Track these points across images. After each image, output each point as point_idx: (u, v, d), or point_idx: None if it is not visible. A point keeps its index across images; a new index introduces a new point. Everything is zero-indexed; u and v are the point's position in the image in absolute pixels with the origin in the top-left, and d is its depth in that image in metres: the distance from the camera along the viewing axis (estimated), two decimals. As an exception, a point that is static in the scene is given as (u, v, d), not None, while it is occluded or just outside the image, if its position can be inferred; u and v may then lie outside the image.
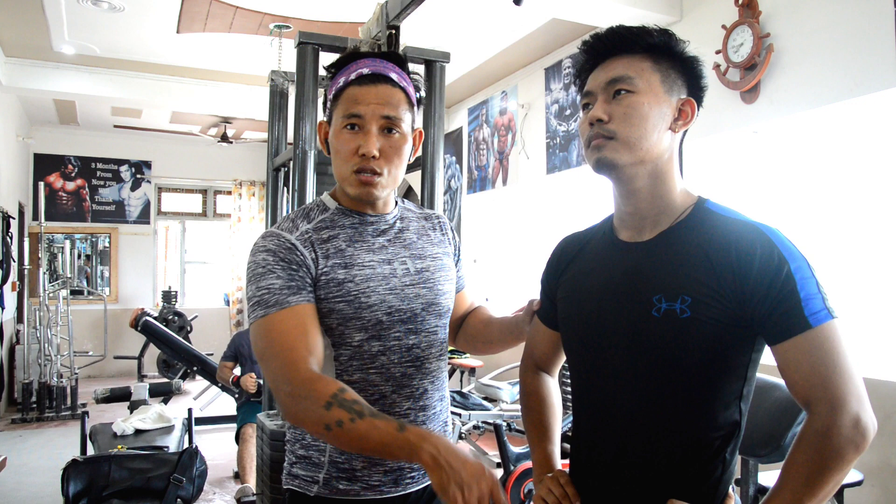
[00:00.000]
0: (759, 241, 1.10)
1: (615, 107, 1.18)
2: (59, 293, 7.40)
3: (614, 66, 1.20)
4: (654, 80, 1.19)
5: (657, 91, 1.19)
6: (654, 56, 1.20)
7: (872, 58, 3.17)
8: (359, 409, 1.19)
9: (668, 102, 1.20)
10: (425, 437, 1.14)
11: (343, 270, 1.38)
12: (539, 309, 1.46)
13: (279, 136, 3.54)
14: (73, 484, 2.70)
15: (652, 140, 1.18)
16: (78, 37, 5.70)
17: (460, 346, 1.69)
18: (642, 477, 1.18)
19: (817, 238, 3.67)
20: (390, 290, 1.41)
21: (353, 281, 1.38)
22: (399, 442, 1.14)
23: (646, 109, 1.17)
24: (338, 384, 1.23)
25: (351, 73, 1.40)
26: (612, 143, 1.18)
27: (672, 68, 1.21)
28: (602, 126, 1.18)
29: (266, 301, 1.32)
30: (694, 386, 1.14)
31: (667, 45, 1.21)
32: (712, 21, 3.89)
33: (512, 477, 3.61)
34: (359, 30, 3.05)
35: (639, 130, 1.17)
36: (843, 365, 1.06)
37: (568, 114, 5.42)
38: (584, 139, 1.22)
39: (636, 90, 1.18)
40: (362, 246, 1.43)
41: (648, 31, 1.21)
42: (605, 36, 1.23)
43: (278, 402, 1.27)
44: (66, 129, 9.05)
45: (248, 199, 9.97)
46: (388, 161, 1.40)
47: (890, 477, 3.17)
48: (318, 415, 1.19)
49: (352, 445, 1.20)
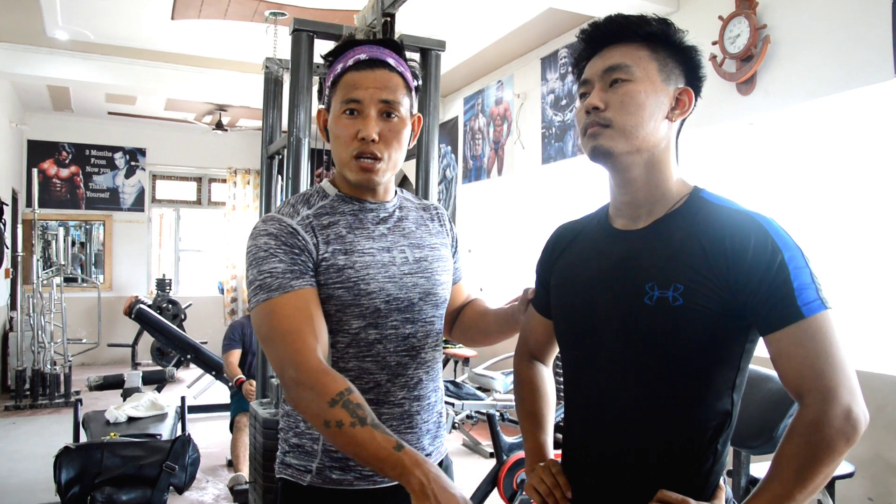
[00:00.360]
0: (753, 231, 1.09)
1: (612, 95, 1.18)
2: (52, 280, 7.38)
3: (612, 54, 1.20)
4: (652, 68, 1.18)
5: (654, 80, 1.18)
6: (651, 45, 1.20)
7: (868, 51, 3.16)
8: (362, 415, 1.18)
9: (665, 91, 1.19)
10: (418, 464, 1.14)
11: (343, 257, 1.37)
12: (534, 297, 1.46)
13: (273, 124, 3.52)
14: (66, 471, 2.69)
15: (648, 128, 1.17)
16: (72, 22, 5.65)
17: (456, 337, 1.69)
18: (633, 466, 1.18)
19: (811, 229, 3.68)
20: (389, 278, 1.41)
21: (353, 267, 1.37)
22: (392, 461, 1.14)
23: (642, 98, 1.17)
24: (346, 383, 1.23)
25: (348, 60, 1.40)
26: (608, 131, 1.17)
27: (670, 58, 1.20)
28: (598, 114, 1.18)
29: (269, 285, 1.31)
30: (686, 375, 1.14)
31: (665, 34, 1.20)
32: (709, 12, 3.88)
33: (505, 466, 3.62)
34: (354, 17, 3.03)
35: (635, 118, 1.16)
36: (836, 356, 1.05)
37: (564, 104, 5.41)
38: (581, 127, 1.22)
39: (633, 78, 1.17)
40: (362, 233, 1.43)
41: (647, 19, 1.20)
42: (602, 24, 1.22)
43: (282, 384, 1.27)
44: (60, 116, 9.00)
45: (243, 188, 9.93)
46: (388, 145, 1.40)
47: (881, 469, 3.19)
48: (321, 409, 1.19)
49: (346, 448, 1.19)
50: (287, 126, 2.94)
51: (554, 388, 1.48)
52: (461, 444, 5.45)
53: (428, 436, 1.49)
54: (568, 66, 5.38)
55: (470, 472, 4.48)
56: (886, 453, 3.17)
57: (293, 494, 1.43)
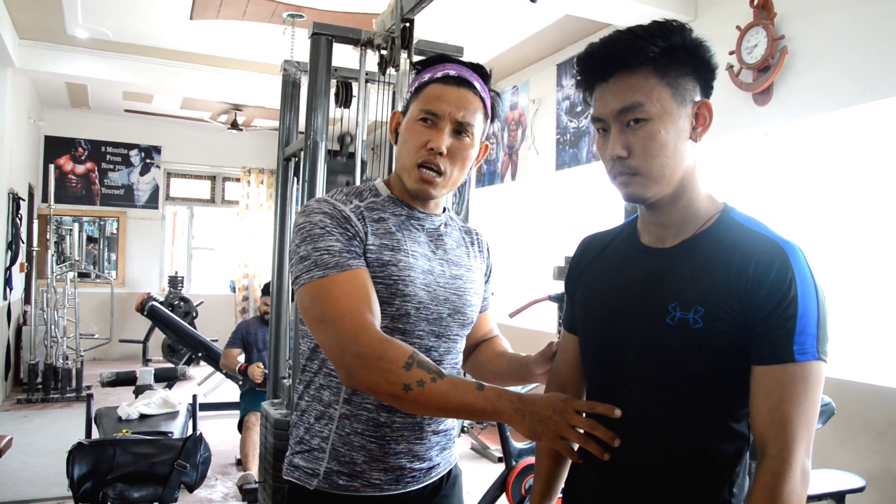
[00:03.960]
0: (778, 260, 1.08)
1: (632, 138, 1.13)
2: (66, 275, 7.44)
3: (621, 88, 1.14)
4: (665, 96, 1.13)
5: (670, 110, 1.13)
6: (659, 67, 1.13)
7: (885, 64, 3.15)
8: (437, 370, 1.21)
9: (683, 115, 1.14)
10: (501, 395, 1.20)
11: (390, 252, 1.38)
12: (563, 316, 1.44)
13: (290, 126, 3.55)
14: (78, 467, 2.71)
15: (674, 164, 1.14)
16: (91, 21, 5.71)
17: (468, 368, 1.67)
18: (650, 484, 1.17)
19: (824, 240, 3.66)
20: (425, 286, 1.41)
21: (396, 265, 1.37)
22: (480, 401, 1.19)
23: (663, 136, 1.12)
24: (411, 347, 1.24)
25: (437, 72, 1.42)
26: (637, 178, 1.15)
27: (681, 75, 1.14)
28: (623, 163, 1.15)
29: (326, 262, 1.30)
30: (703, 396, 1.13)
31: (668, 48, 1.12)
32: (727, 21, 3.87)
33: (514, 472, 3.63)
34: (373, 22, 3.05)
35: (660, 160, 1.13)
36: (806, 410, 1.05)
37: (579, 110, 5.41)
38: (608, 171, 1.19)
39: (650, 117, 1.12)
40: (410, 235, 1.44)
41: (646, 41, 1.12)
42: (601, 53, 1.16)
43: (343, 365, 1.24)
44: (78, 113, 9.08)
45: (257, 187, 9.98)
46: (453, 161, 1.41)
47: (891, 484, 3.17)
48: (398, 375, 1.20)
49: (430, 405, 1.21)
50: (304, 128, 2.96)
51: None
52: (469, 448, 5.46)
53: (437, 447, 1.48)
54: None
55: (478, 477, 4.49)
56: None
57: (299, 498, 1.42)
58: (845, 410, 3.18)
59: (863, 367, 3.40)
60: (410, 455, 1.42)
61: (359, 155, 3.04)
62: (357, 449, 1.39)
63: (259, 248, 9.85)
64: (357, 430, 1.38)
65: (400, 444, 1.40)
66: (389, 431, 1.39)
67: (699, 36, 1.16)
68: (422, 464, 1.44)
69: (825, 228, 3.71)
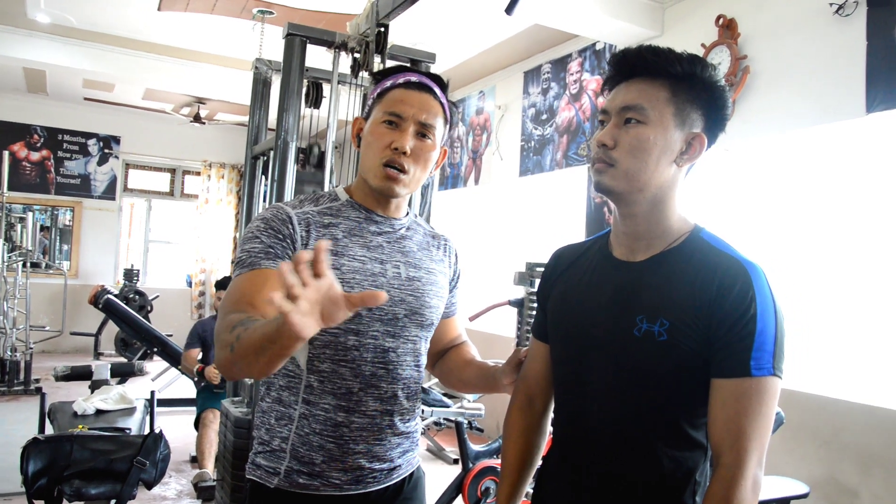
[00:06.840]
0: (740, 279, 1.14)
1: (623, 134, 1.20)
2: (16, 265, 7.26)
3: (634, 89, 1.22)
4: (668, 112, 1.20)
5: (667, 125, 1.20)
6: (674, 87, 1.20)
7: (843, 88, 3.28)
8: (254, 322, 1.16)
9: (677, 136, 1.21)
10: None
11: (333, 258, 1.40)
12: (534, 324, 1.48)
13: (260, 125, 3.54)
14: (33, 462, 2.66)
15: (650, 172, 1.20)
16: (55, 6, 5.59)
17: (436, 374, 1.70)
18: (615, 491, 1.22)
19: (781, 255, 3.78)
20: (375, 287, 1.43)
21: (339, 269, 1.40)
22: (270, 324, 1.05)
23: (651, 143, 1.19)
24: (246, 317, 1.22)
25: (399, 78, 1.48)
26: (612, 170, 1.21)
27: (690, 102, 1.21)
28: (606, 152, 1.21)
29: (242, 262, 1.37)
30: (665, 407, 1.19)
31: (690, 75, 1.20)
32: (692, 39, 3.97)
33: (470, 474, 3.67)
34: (347, 25, 3.06)
35: (639, 163, 1.19)
36: (760, 423, 1.11)
37: (544, 118, 5.48)
38: (591, 155, 1.26)
39: (646, 121, 1.19)
40: (359, 241, 1.46)
41: (675, 58, 1.21)
42: (631, 54, 1.24)
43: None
44: (34, 98, 8.85)
45: (217, 181, 9.86)
46: (417, 162, 1.46)
47: (834, 490, 3.29)
48: (225, 340, 1.19)
49: (247, 354, 1.12)
50: (275, 128, 2.96)
51: (544, 443, 1.45)
52: (425, 450, 5.48)
53: (398, 449, 1.50)
54: (550, 82, 5.46)
55: (434, 478, 4.51)
56: (840, 475, 3.27)
57: (261, 497, 1.44)
58: (793, 420, 3.29)
59: (811, 378, 3.52)
60: (370, 455, 1.44)
61: (329, 159, 3.05)
62: (316, 449, 1.41)
63: (217, 243, 9.73)
64: (315, 430, 1.41)
65: (359, 444, 1.43)
66: (347, 431, 1.42)
67: (724, 85, 1.24)
68: (382, 465, 1.47)
69: (781, 242, 3.83)
